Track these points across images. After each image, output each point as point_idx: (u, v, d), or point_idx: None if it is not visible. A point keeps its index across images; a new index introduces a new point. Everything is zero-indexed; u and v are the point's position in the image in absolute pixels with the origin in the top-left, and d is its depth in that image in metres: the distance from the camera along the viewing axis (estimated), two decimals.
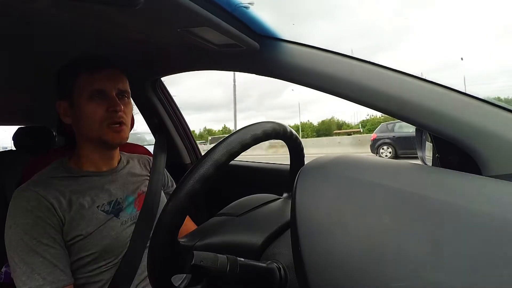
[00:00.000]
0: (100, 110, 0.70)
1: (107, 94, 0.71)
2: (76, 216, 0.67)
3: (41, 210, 0.63)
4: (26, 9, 0.55)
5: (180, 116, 1.36)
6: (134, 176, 0.83)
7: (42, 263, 0.61)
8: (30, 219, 0.62)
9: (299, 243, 0.33)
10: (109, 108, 0.70)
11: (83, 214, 0.68)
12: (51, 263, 0.62)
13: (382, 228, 0.30)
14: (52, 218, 0.64)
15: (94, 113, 0.69)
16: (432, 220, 0.29)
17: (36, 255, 0.61)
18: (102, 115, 0.70)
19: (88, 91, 0.70)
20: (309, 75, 0.57)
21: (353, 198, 0.34)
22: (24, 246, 0.61)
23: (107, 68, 0.73)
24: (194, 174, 0.36)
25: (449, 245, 0.27)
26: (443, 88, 0.48)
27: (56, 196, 0.66)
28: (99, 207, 0.71)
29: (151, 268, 0.37)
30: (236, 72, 0.75)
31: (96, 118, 0.70)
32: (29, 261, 0.60)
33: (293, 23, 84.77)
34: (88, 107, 0.70)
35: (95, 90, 0.70)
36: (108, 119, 0.70)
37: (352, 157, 0.42)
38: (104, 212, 0.71)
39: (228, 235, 0.47)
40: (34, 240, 0.61)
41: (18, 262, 0.60)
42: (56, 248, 0.63)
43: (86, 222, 0.67)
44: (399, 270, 0.27)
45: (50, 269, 0.61)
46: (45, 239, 0.62)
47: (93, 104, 0.70)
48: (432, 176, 0.37)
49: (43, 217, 0.63)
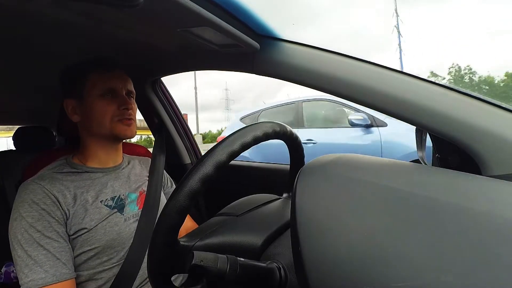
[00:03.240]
0: (111, 108, 0.73)
1: (118, 93, 0.75)
2: (80, 210, 0.68)
3: (46, 203, 0.65)
4: (26, 9, 0.55)
5: (180, 116, 1.36)
6: (136, 175, 0.85)
7: (45, 256, 0.61)
8: (36, 211, 0.63)
9: (299, 243, 0.33)
10: (121, 106, 0.74)
11: (87, 208, 0.69)
12: (54, 256, 0.62)
13: (382, 228, 0.30)
14: (56, 212, 0.65)
15: (105, 110, 0.73)
16: (432, 220, 0.29)
17: (40, 247, 0.62)
18: (113, 111, 0.74)
19: (100, 90, 0.73)
20: (309, 75, 0.57)
21: (353, 198, 0.34)
22: (28, 238, 0.62)
23: (117, 69, 0.77)
24: (194, 174, 0.36)
25: (449, 245, 0.27)
26: (443, 88, 0.48)
27: (61, 190, 0.68)
28: (103, 202, 0.72)
29: (151, 268, 0.37)
30: (236, 72, 0.75)
31: (108, 115, 0.73)
32: (32, 253, 0.61)
33: (293, 23, 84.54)
34: (99, 104, 0.73)
35: (107, 89, 0.73)
36: (119, 115, 0.74)
37: (352, 157, 0.42)
38: (107, 206, 0.72)
39: (228, 235, 0.47)
40: (38, 233, 0.62)
41: (21, 255, 0.61)
42: (59, 241, 0.64)
43: (89, 216, 0.68)
44: (399, 270, 0.27)
45: (52, 262, 0.62)
46: (49, 232, 0.63)
47: (105, 102, 0.73)
48: (432, 176, 0.37)
49: (48, 210, 0.64)
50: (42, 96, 1.27)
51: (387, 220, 0.30)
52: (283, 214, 0.53)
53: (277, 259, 0.43)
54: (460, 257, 0.26)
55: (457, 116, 0.45)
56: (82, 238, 0.67)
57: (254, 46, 0.63)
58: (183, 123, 1.37)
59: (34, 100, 1.37)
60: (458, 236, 0.27)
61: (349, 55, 0.55)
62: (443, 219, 0.29)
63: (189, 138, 1.39)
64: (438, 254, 0.26)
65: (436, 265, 0.26)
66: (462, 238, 0.27)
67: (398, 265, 0.27)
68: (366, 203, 0.33)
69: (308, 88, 0.59)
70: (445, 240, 0.27)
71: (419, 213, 0.30)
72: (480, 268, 0.25)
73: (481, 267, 0.25)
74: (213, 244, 0.45)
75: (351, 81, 0.52)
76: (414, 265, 0.27)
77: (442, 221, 0.29)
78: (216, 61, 0.78)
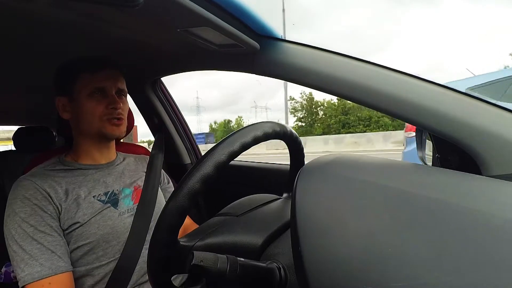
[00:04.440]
0: (100, 107, 0.73)
1: (107, 92, 0.74)
2: (72, 205, 0.68)
3: (37, 198, 0.65)
4: (26, 9, 0.55)
5: (180, 116, 1.36)
6: (130, 171, 0.85)
7: (40, 250, 0.62)
8: (28, 207, 0.64)
9: (299, 243, 0.33)
10: (109, 106, 0.73)
11: (79, 203, 0.69)
12: (49, 249, 0.63)
13: (382, 228, 0.30)
14: (48, 206, 0.66)
15: (94, 109, 0.73)
16: (432, 220, 0.29)
17: (34, 241, 0.62)
18: (102, 111, 0.73)
19: (89, 89, 0.73)
20: (309, 75, 0.57)
21: (353, 198, 0.34)
22: (22, 233, 0.62)
23: (108, 68, 0.76)
24: (194, 174, 0.36)
25: (449, 245, 0.27)
26: (443, 88, 0.48)
27: (52, 185, 0.68)
28: (95, 197, 0.73)
29: (151, 268, 0.37)
30: (236, 72, 0.75)
31: (96, 114, 0.73)
32: (27, 248, 0.61)
33: (293, 23, 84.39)
34: (88, 103, 0.72)
35: (96, 88, 0.73)
36: (108, 114, 0.74)
37: (352, 157, 0.42)
38: (100, 201, 0.73)
39: (228, 235, 0.47)
40: (31, 227, 0.63)
41: (17, 250, 0.62)
42: (53, 235, 0.65)
43: (82, 210, 0.69)
44: (399, 270, 0.27)
45: (47, 256, 0.62)
46: (42, 227, 0.64)
47: (93, 101, 0.73)
48: (432, 176, 0.37)
49: (40, 205, 0.65)
50: (42, 96, 1.27)
51: (387, 220, 0.30)
52: (283, 214, 0.53)
53: (277, 259, 0.43)
54: (460, 257, 0.26)
55: (457, 116, 0.45)
56: (76, 233, 0.67)
57: (254, 46, 0.63)
58: (183, 123, 1.37)
59: (34, 100, 1.37)
60: (458, 236, 0.27)
61: (349, 55, 0.55)
62: (443, 219, 0.29)
63: (189, 138, 1.39)
64: (438, 254, 0.26)
65: (436, 265, 0.26)
66: (462, 238, 0.27)
67: (398, 265, 0.27)
68: (366, 203, 0.33)
69: (308, 88, 0.59)
70: (445, 240, 0.27)
71: (419, 213, 0.30)
72: (480, 268, 0.25)
73: (481, 267, 0.25)
74: (213, 244, 0.45)
75: (351, 81, 0.52)
76: (414, 265, 0.27)
77: (442, 221, 0.29)
78: (216, 61, 0.78)
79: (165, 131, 1.31)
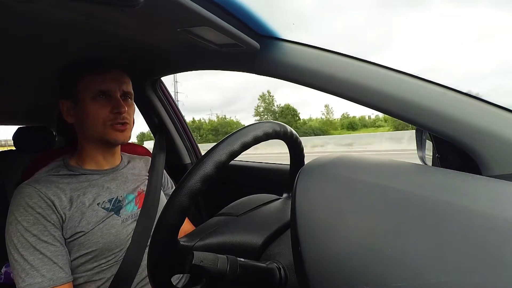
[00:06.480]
0: (104, 111, 0.71)
1: (112, 95, 0.73)
2: (76, 214, 0.67)
3: (41, 207, 0.64)
4: (26, 9, 0.55)
5: (180, 116, 1.36)
6: (134, 175, 0.84)
7: (41, 260, 0.61)
8: (31, 215, 0.63)
9: (299, 243, 0.33)
10: (113, 109, 0.72)
11: (83, 211, 0.68)
12: (51, 260, 0.62)
13: (382, 228, 0.30)
14: (52, 216, 0.64)
15: (98, 113, 0.71)
16: (432, 220, 0.29)
17: (36, 251, 0.61)
18: (106, 115, 0.72)
19: (92, 92, 0.71)
20: (309, 75, 0.57)
21: (353, 198, 0.34)
22: (24, 242, 0.61)
23: (113, 70, 0.75)
24: (194, 173, 0.36)
25: (449, 245, 0.27)
26: (443, 88, 0.48)
27: (57, 193, 0.67)
28: (100, 204, 0.71)
29: (151, 268, 0.37)
30: (236, 72, 0.75)
31: (100, 118, 0.71)
32: (29, 258, 0.61)
33: (293, 23, 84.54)
34: (92, 107, 0.71)
35: (99, 91, 0.72)
36: (112, 120, 0.72)
37: (352, 157, 0.42)
38: (104, 209, 0.72)
39: (228, 235, 0.47)
40: (34, 237, 0.62)
41: (18, 259, 0.61)
42: (55, 245, 0.64)
43: (86, 219, 0.68)
44: (399, 270, 0.27)
45: (49, 266, 0.61)
46: (45, 236, 0.63)
47: (97, 105, 0.71)
48: (432, 176, 0.37)
49: (43, 214, 0.64)
50: (42, 96, 1.27)
51: (387, 220, 0.30)
52: (283, 214, 0.53)
53: (277, 259, 0.43)
54: (460, 257, 0.26)
55: (457, 116, 0.45)
56: (78, 241, 0.67)
57: (255, 46, 0.63)
58: (183, 123, 1.37)
59: (34, 100, 1.37)
60: (458, 236, 0.27)
61: (349, 55, 0.55)
62: (443, 219, 0.29)
63: (189, 138, 1.39)
64: (438, 254, 0.26)
65: (436, 265, 0.26)
66: (462, 238, 0.27)
67: (398, 265, 0.27)
68: (366, 203, 0.33)
69: (308, 88, 0.59)
70: (445, 240, 0.27)
71: (419, 213, 0.30)
72: (480, 268, 0.25)
73: (481, 267, 0.25)
74: (213, 244, 0.45)
75: (351, 81, 0.52)
76: (414, 265, 0.27)
77: (442, 221, 0.29)
78: (216, 61, 0.78)
79: (165, 131, 1.31)
